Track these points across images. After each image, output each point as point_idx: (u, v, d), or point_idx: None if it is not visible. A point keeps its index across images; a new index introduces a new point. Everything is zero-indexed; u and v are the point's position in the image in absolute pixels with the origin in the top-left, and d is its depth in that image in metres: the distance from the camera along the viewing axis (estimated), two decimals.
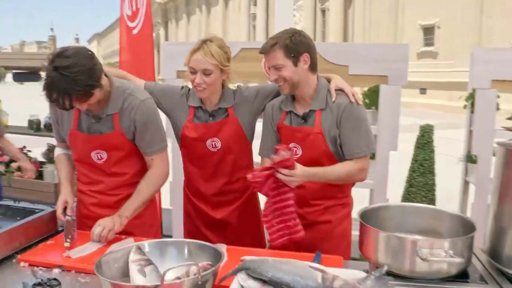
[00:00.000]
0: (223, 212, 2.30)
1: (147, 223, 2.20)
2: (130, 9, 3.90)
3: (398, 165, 3.48)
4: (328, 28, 31.65)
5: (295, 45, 1.95)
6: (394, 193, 3.47)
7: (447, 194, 4.27)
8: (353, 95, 2.01)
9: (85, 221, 2.15)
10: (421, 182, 3.58)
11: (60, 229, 2.11)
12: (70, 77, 1.71)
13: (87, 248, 1.84)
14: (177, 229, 3.31)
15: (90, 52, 1.84)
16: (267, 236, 1.97)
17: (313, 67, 2.03)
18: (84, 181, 2.17)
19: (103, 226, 1.88)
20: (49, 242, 1.95)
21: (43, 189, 4.09)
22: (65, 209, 2.02)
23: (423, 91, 25.12)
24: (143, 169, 2.14)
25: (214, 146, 2.21)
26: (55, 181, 4.14)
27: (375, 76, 3.20)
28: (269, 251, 1.97)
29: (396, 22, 27.20)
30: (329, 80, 2.12)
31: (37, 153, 4.54)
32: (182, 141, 2.28)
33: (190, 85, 2.28)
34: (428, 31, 25.65)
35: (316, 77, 2.07)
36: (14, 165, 4.25)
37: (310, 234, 1.99)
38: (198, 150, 2.24)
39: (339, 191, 2.10)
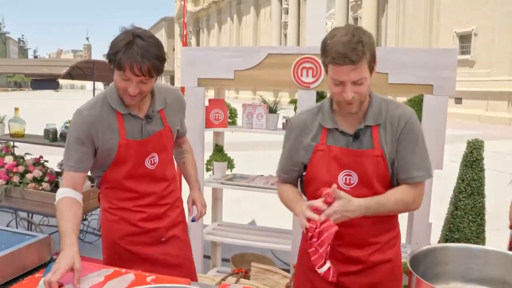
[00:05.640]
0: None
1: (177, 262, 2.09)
2: None
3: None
4: None
5: (373, 49, 1.53)
6: (434, 215, 3.08)
7: (493, 217, 3.84)
8: None
9: (129, 239, 2.00)
10: (468, 205, 3.15)
11: (54, 257, 1.83)
12: (151, 42, 1.73)
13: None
14: None
15: None
16: None
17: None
18: (128, 197, 1.97)
19: (200, 202, 2.18)
20: (37, 275, 1.67)
21: None
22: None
23: (458, 100, 24.30)
24: (175, 174, 2.13)
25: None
26: None
27: (419, 85, 2.84)
28: None
29: (430, 30, 26.48)
30: None
31: (53, 163, 4.34)
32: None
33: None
34: (465, 39, 24.84)
35: None
36: (29, 176, 4.06)
37: (368, 279, 1.66)
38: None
39: (394, 220, 1.74)
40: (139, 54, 1.67)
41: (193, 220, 2.17)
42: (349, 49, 1.47)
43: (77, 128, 1.85)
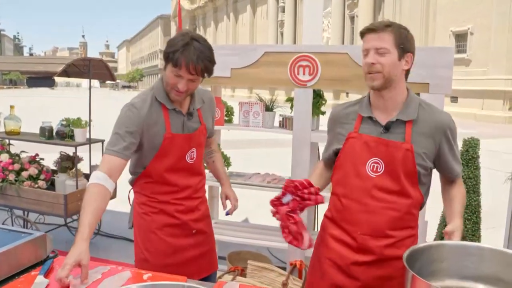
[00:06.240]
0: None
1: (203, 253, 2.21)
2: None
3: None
4: (356, 35, 31.16)
5: (407, 39, 1.68)
6: (430, 213, 3.09)
7: (489, 215, 3.85)
8: None
9: (168, 230, 2.11)
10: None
11: (51, 255, 1.83)
12: (206, 45, 1.89)
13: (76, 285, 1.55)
14: None
15: None
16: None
17: (407, 74, 1.75)
18: (167, 190, 2.08)
19: (233, 197, 2.31)
20: (33, 273, 1.67)
21: (52, 200, 3.85)
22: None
23: (454, 99, 24.41)
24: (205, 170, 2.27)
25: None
26: (66, 192, 3.91)
27: (415, 84, 2.83)
28: None
29: (427, 28, 26.56)
30: None
31: (49, 161, 4.33)
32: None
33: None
34: (461, 38, 24.94)
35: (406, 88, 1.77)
36: (25, 174, 4.05)
37: (380, 272, 1.70)
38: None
39: (412, 219, 1.77)
40: (195, 54, 1.84)
41: (227, 214, 2.30)
42: (375, 23, 1.70)
43: (131, 119, 1.93)
